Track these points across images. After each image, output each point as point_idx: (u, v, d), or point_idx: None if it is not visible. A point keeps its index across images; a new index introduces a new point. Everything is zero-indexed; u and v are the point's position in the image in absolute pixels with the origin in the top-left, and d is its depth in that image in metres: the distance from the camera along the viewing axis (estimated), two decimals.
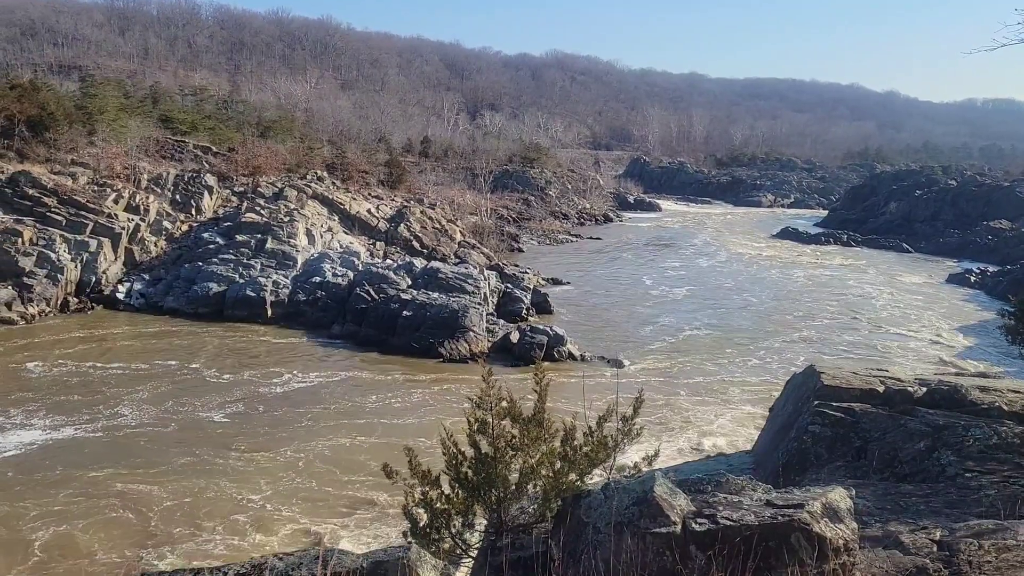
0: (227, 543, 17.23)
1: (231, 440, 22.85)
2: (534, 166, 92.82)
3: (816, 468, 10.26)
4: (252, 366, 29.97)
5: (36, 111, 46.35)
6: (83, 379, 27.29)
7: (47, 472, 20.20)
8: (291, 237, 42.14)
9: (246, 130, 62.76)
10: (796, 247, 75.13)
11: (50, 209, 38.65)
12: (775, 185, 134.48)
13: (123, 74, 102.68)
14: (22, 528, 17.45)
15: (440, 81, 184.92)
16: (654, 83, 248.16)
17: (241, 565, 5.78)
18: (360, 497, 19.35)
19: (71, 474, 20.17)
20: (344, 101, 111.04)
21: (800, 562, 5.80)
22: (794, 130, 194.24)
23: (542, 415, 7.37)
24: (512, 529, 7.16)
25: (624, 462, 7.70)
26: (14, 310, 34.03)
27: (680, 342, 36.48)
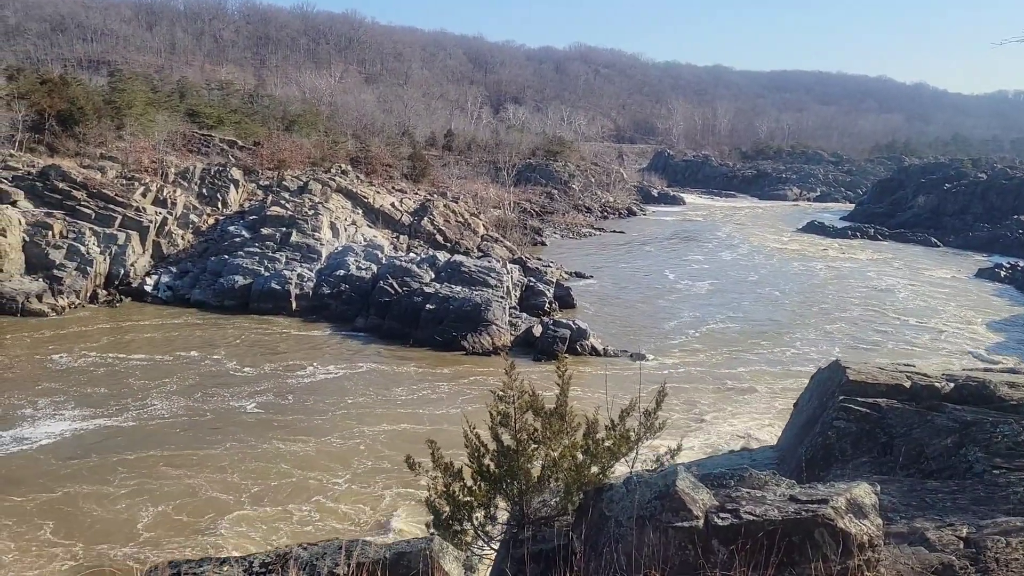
0: (275, 524, 17.78)
1: (267, 428, 23.23)
2: (557, 160, 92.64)
3: (841, 464, 10.18)
4: (278, 358, 30.26)
5: (66, 106, 47.02)
6: (110, 370, 27.68)
7: (87, 459, 20.60)
8: (315, 230, 42.42)
9: (271, 124, 63.20)
10: (822, 241, 74.43)
11: (80, 203, 39.18)
12: (801, 178, 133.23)
13: (151, 69, 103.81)
14: (80, 510, 17.89)
15: (463, 75, 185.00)
16: (678, 76, 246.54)
17: (266, 555, 5.84)
18: (402, 484, 19.51)
19: (113, 459, 20.61)
20: (368, 95, 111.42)
21: (824, 558, 5.77)
22: (820, 123, 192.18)
23: (564, 408, 7.37)
24: (534, 522, 7.18)
25: (646, 456, 7.69)
26: (44, 302, 34.57)
27: (703, 336, 36.30)
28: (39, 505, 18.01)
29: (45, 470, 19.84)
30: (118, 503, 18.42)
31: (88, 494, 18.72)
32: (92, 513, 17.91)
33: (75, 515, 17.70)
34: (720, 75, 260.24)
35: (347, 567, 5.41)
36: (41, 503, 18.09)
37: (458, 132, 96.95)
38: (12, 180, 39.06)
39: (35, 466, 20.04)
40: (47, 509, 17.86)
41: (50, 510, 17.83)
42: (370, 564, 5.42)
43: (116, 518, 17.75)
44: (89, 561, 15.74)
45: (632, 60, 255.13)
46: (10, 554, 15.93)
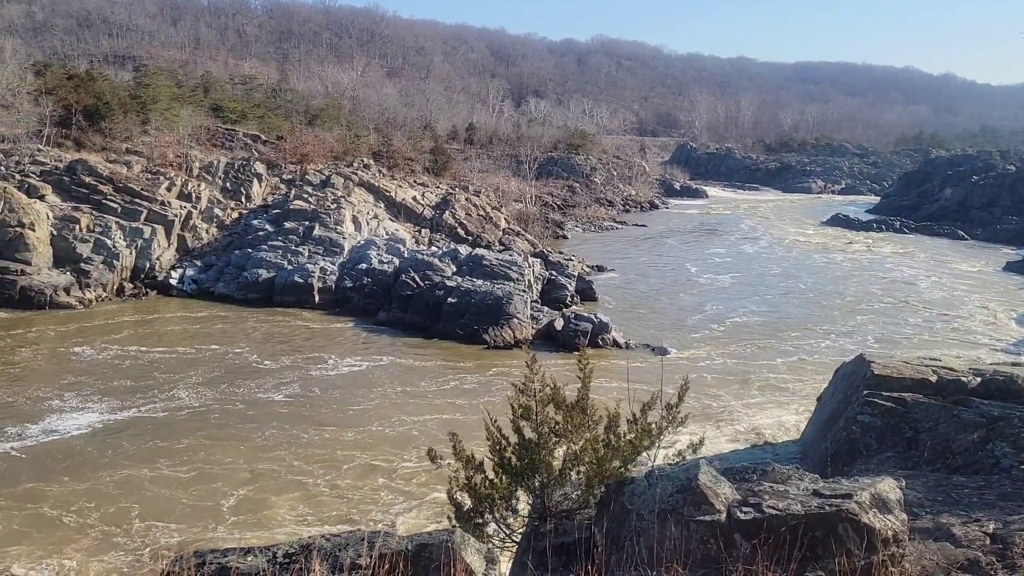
0: (325, 508, 18.19)
1: (301, 419, 23.52)
2: (579, 153, 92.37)
3: (865, 458, 10.09)
4: (302, 351, 30.49)
5: (92, 101, 47.57)
6: (135, 363, 28.02)
7: (123, 447, 20.92)
8: (338, 224, 42.63)
9: (294, 118, 63.59)
10: (846, 234, 73.67)
11: (106, 197, 39.66)
12: (825, 171, 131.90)
13: (175, 64, 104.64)
14: (124, 496, 18.24)
15: (485, 68, 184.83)
16: (701, 68, 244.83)
17: (290, 545, 5.90)
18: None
19: (151, 447, 20.98)
20: (390, 89, 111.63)
21: (848, 552, 5.73)
22: (845, 115, 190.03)
23: (586, 402, 7.37)
24: (555, 515, 7.20)
25: (668, 450, 7.68)
26: (72, 295, 35.04)
27: (726, 330, 36.10)
28: (86, 490, 18.29)
29: (85, 459, 20.13)
30: (171, 487, 18.83)
31: (132, 479, 19.05)
32: (152, 497, 18.29)
33: (122, 500, 18.00)
34: (743, 67, 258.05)
35: (369, 558, 5.45)
36: (84, 488, 18.36)
37: (480, 125, 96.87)
38: (40, 175, 39.61)
39: (72, 455, 20.32)
40: (96, 494, 18.14)
41: (97, 495, 18.12)
42: (392, 555, 5.46)
43: (176, 502, 18.16)
44: (169, 542, 16.22)
45: (654, 52, 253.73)
46: (84, 540, 16.22)
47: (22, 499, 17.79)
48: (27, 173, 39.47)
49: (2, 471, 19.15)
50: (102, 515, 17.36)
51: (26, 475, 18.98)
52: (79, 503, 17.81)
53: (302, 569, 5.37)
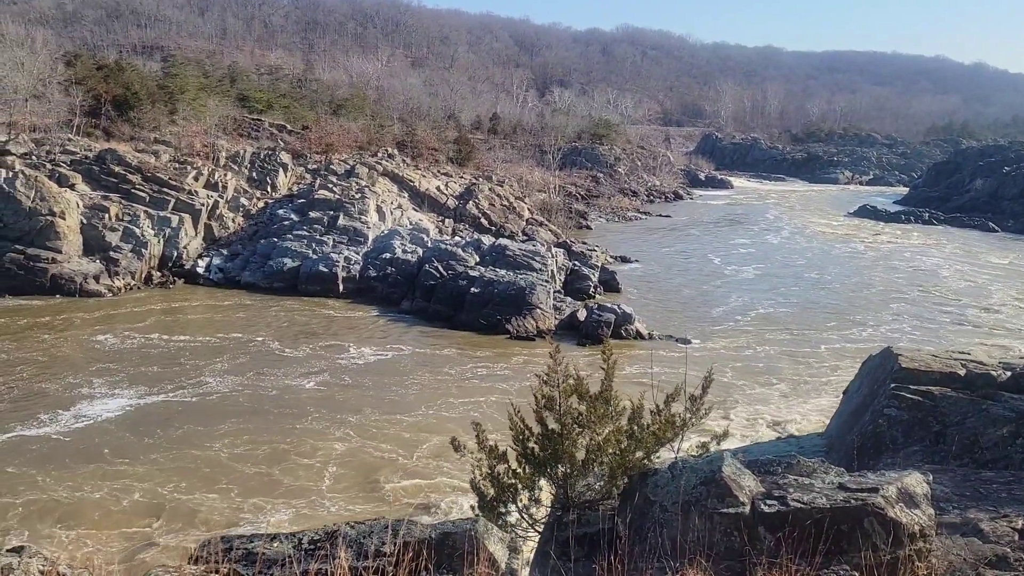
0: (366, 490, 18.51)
1: (336, 405, 23.80)
2: (603, 143, 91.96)
3: (891, 452, 10.00)
4: (327, 339, 30.73)
5: (121, 91, 48.09)
6: (163, 350, 28.37)
7: (157, 432, 21.26)
8: (362, 214, 42.80)
9: (319, 108, 63.85)
10: (874, 225, 72.82)
11: (135, 186, 40.10)
12: (853, 162, 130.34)
13: (202, 54, 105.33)
14: (159, 479, 18.46)
15: (509, 58, 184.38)
16: (727, 57, 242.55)
17: (315, 532, 5.97)
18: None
19: (183, 432, 21.29)
20: (414, 79, 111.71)
21: (873, 547, 5.69)
22: (874, 104, 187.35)
23: (609, 393, 7.36)
24: (578, 505, 7.20)
25: (692, 441, 7.65)
26: (101, 283, 35.53)
27: (750, 322, 35.86)
28: (119, 473, 18.59)
29: (117, 444, 20.46)
30: (208, 471, 19.16)
31: (167, 463, 19.35)
32: (188, 480, 18.58)
33: (158, 483, 18.26)
34: (770, 56, 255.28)
35: (393, 545, 5.49)
36: (118, 472, 18.67)
37: (504, 115, 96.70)
38: (70, 164, 40.13)
39: (105, 439, 20.65)
40: (131, 477, 18.44)
41: (131, 478, 18.43)
42: (416, 543, 5.50)
43: (213, 485, 18.47)
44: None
45: (680, 42, 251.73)
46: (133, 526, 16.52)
47: (55, 482, 18.11)
48: (58, 162, 40.00)
49: (36, 455, 19.48)
50: (136, 498, 17.64)
51: (58, 459, 19.31)
52: (112, 486, 18.10)
53: (327, 556, 5.42)
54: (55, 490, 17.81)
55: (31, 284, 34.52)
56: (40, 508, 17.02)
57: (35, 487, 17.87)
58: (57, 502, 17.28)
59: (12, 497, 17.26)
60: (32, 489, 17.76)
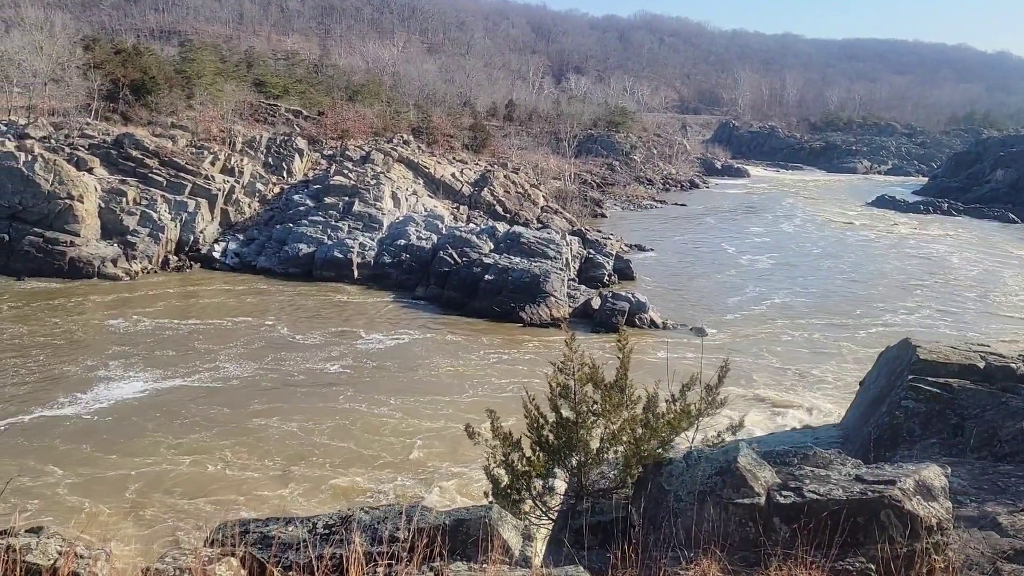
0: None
1: (365, 387, 24.09)
2: (619, 131, 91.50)
3: (908, 445, 9.93)
4: (343, 325, 30.86)
5: (139, 75, 48.28)
6: (178, 334, 28.54)
7: (181, 414, 21.49)
8: (377, 200, 42.85)
9: (335, 94, 63.85)
10: (892, 216, 72.19)
11: (152, 170, 40.30)
12: (872, 151, 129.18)
13: (219, 39, 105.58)
14: (179, 462, 18.73)
15: (526, 44, 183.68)
16: (746, 44, 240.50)
17: (329, 516, 5.98)
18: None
19: (207, 415, 21.52)
20: (430, 65, 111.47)
21: (890, 539, 5.65)
22: (894, 93, 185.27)
23: (624, 381, 7.33)
24: (592, 494, 7.19)
25: (707, 431, 7.62)
26: (119, 267, 35.78)
27: (765, 311, 35.67)
28: (140, 455, 18.77)
29: (136, 427, 20.63)
30: (228, 453, 19.33)
31: (192, 445, 19.55)
32: (208, 463, 18.73)
33: (178, 466, 18.44)
34: (789, 43, 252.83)
35: (407, 531, 5.50)
36: (138, 454, 18.84)
37: (519, 102, 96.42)
38: (89, 148, 40.36)
39: (125, 422, 20.84)
40: (152, 459, 18.61)
41: (152, 460, 18.61)
42: (430, 529, 5.50)
43: (234, 467, 18.67)
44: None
45: (698, 28, 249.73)
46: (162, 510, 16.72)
47: (75, 464, 18.27)
48: (76, 146, 40.25)
49: (54, 438, 19.66)
50: (156, 480, 17.81)
51: (75, 442, 19.50)
52: (131, 468, 18.27)
53: (341, 540, 5.44)
54: (82, 470, 17.99)
55: (50, 267, 34.81)
56: (68, 487, 17.19)
57: (61, 467, 18.03)
58: (64, 484, 17.45)
59: (35, 478, 17.42)
60: (57, 469, 17.93)
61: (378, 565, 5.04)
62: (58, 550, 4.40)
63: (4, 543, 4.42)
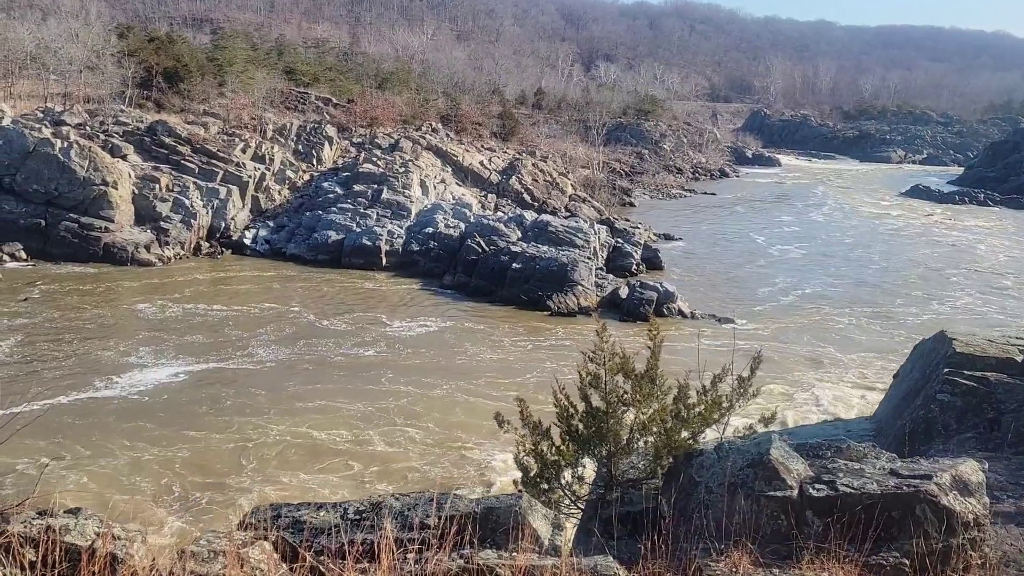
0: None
1: (405, 371, 24.40)
2: (648, 119, 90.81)
3: (943, 439, 9.78)
4: (372, 312, 31.07)
5: (172, 63, 48.77)
6: (211, 320, 28.88)
7: (219, 397, 21.83)
8: (406, 188, 42.97)
9: (364, 82, 64.03)
10: (926, 206, 70.98)
11: (184, 157, 40.73)
12: (906, 140, 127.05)
13: (250, 27, 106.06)
14: (216, 444, 19.06)
15: (555, 31, 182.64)
16: (778, 31, 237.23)
17: (360, 502, 6.03)
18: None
19: (244, 397, 21.87)
20: (459, 52, 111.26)
21: (925, 534, 5.58)
22: (930, 81, 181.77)
23: (655, 372, 7.29)
24: (621, 484, 7.18)
25: (737, 423, 7.56)
26: (152, 252, 36.25)
27: (795, 302, 35.31)
28: (176, 438, 19.07)
29: (174, 410, 20.97)
30: (269, 435, 19.64)
31: (228, 427, 19.86)
32: (246, 444, 19.03)
33: (215, 448, 18.76)
34: (823, 30, 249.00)
35: (438, 518, 5.52)
36: (175, 437, 19.13)
37: (548, 90, 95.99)
38: (123, 135, 40.87)
39: (162, 405, 21.19)
40: (189, 442, 18.91)
41: (189, 443, 18.88)
42: (460, 517, 5.52)
43: (275, 447, 19.00)
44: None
45: (730, 15, 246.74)
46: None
47: (113, 446, 18.57)
48: (111, 133, 40.79)
49: (92, 421, 19.98)
50: (194, 462, 18.08)
51: (111, 424, 19.82)
52: (168, 450, 18.56)
53: (372, 526, 5.48)
54: (119, 451, 18.29)
55: (85, 252, 35.35)
56: (106, 468, 17.50)
57: (97, 449, 18.34)
58: (123, 462, 17.77)
59: (73, 459, 17.74)
60: (95, 451, 18.24)
61: (408, 551, 5.07)
62: (96, 531, 4.46)
63: (43, 524, 4.50)
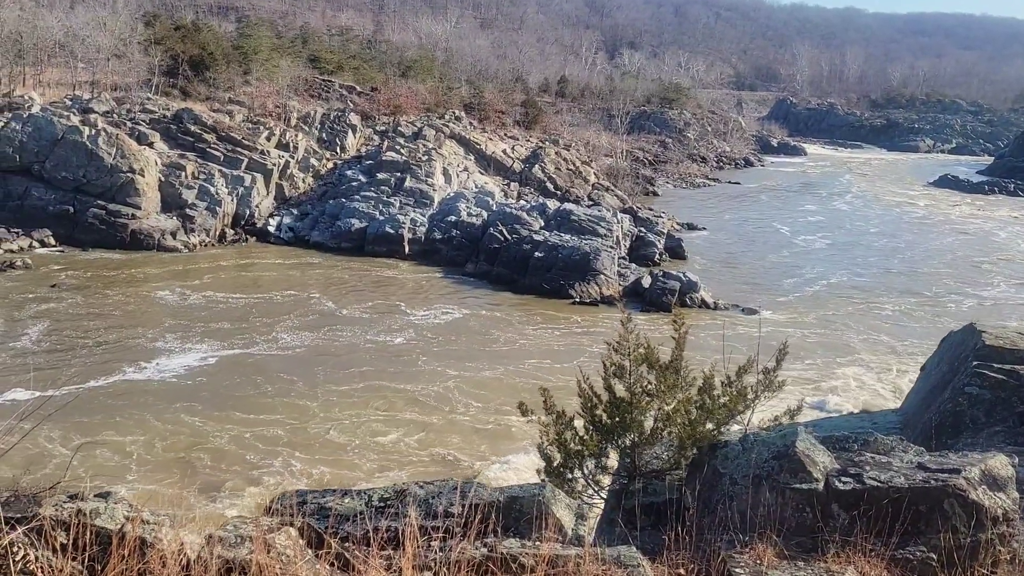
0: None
1: (436, 356, 24.72)
2: (673, 107, 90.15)
3: (972, 432, 9.67)
4: (395, 299, 31.24)
5: (197, 51, 49.06)
6: (237, 306, 29.14)
7: (250, 381, 22.13)
8: (429, 176, 43.00)
9: (388, 70, 64.06)
10: (955, 196, 69.96)
11: (210, 145, 41.02)
12: (935, 129, 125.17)
13: (275, 15, 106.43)
14: (246, 429, 19.31)
15: (579, 19, 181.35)
16: (805, 19, 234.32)
17: (385, 490, 6.06)
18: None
19: (275, 382, 22.14)
20: (483, 40, 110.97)
21: (953, 529, 5.52)
22: (960, 69, 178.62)
23: (679, 362, 7.26)
24: (645, 474, 7.16)
25: (762, 414, 7.51)
26: (178, 239, 36.61)
27: (820, 293, 34.99)
28: (204, 423, 19.29)
29: (203, 393, 21.25)
30: (305, 418, 19.91)
31: (261, 409, 20.09)
32: (281, 429, 19.27)
33: (246, 432, 18.95)
34: (851, 18, 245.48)
35: (461, 507, 5.54)
36: (203, 421, 19.35)
37: (572, 78, 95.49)
38: (149, 123, 41.22)
39: (191, 389, 21.47)
40: (217, 426, 19.13)
41: (218, 427, 19.11)
42: (484, 506, 5.53)
43: (311, 430, 19.24)
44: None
45: (756, 2, 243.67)
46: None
47: (142, 430, 18.82)
48: (137, 121, 41.15)
49: (122, 404, 20.24)
50: (224, 445, 18.33)
51: (142, 408, 20.06)
52: (198, 434, 18.80)
53: (397, 513, 5.51)
54: (149, 435, 18.54)
55: (112, 238, 35.76)
56: (135, 451, 17.75)
57: (127, 433, 18.59)
58: (152, 445, 18.01)
59: (104, 443, 17.97)
60: (124, 435, 18.49)
61: (432, 539, 5.09)
62: (125, 515, 4.52)
63: (74, 507, 4.56)
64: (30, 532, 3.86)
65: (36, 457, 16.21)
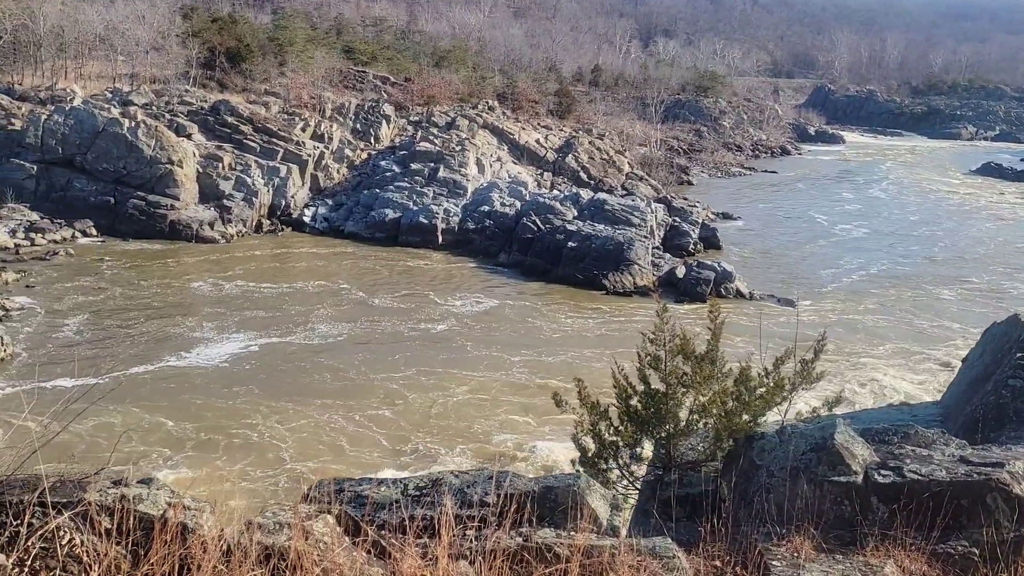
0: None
1: (482, 343, 25.14)
2: (708, 95, 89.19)
3: (1015, 425, 9.46)
4: (431, 289, 31.49)
5: (234, 43, 49.57)
6: (267, 296, 29.52)
7: (292, 368, 22.55)
8: (462, 166, 43.06)
9: (422, 60, 64.18)
10: (998, 184, 68.37)
11: (246, 136, 41.46)
12: (978, 116, 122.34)
13: (310, 6, 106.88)
14: (297, 416, 19.69)
15: (613, 7, 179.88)
16: (844, 4, 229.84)
17: (420, 479, 6.10)
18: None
19: (327, 368, 22.62)
20: (516, 29, 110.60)
21: (996, 524, 5.43)
22: (1005, 55, 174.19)
23: (715, 353, 7.19)
24: (680, 466, 7.12)
25: (800, 406, 7.42)
26: (215, 229, 37.10)
27: (859, 283, 34.47)
28: (247, 410, 19.58)
29: (243, 382, 21.56)
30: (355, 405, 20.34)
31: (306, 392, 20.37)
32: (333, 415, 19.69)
33: (296, 419, 19.24)
34: (892, 3, 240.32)
35: (496, 496, 5.56)
36: (245, 408, 19.65)
37: (605, 67, 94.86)
38: (187, 114, 41.77)
39: (233, 378, 21.85)
40: (262, 414, 19.42)
41: (264, 415, 19.40)
42: (519, 496, 5.54)
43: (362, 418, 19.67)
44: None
45: None
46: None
47: (187, 417, 19.17)
48: (176, 113, 41.73)
49: (166, 391, 20.62)
50: (267, 433, 18.65)
51: (186, 395, 20.42)
52: (241, 422, 19.12)
53: (432, 502, 5.54)
54: (194, 422, 18.96)
55: (151, 229, 36.34)
56: (179, 437, 18.11)
57: (173, 419, 18.96)
58: (197, 432, 18.38)
59: (148, 430, 18.30)
60: (169, 421, 18.86)
61: (467, 528, 5.12)
62: (167, 501, 4.60)
63: (118, 493, 4.65)
64: (76, 517, 3.94)
65: (81, 443, 16.57)
